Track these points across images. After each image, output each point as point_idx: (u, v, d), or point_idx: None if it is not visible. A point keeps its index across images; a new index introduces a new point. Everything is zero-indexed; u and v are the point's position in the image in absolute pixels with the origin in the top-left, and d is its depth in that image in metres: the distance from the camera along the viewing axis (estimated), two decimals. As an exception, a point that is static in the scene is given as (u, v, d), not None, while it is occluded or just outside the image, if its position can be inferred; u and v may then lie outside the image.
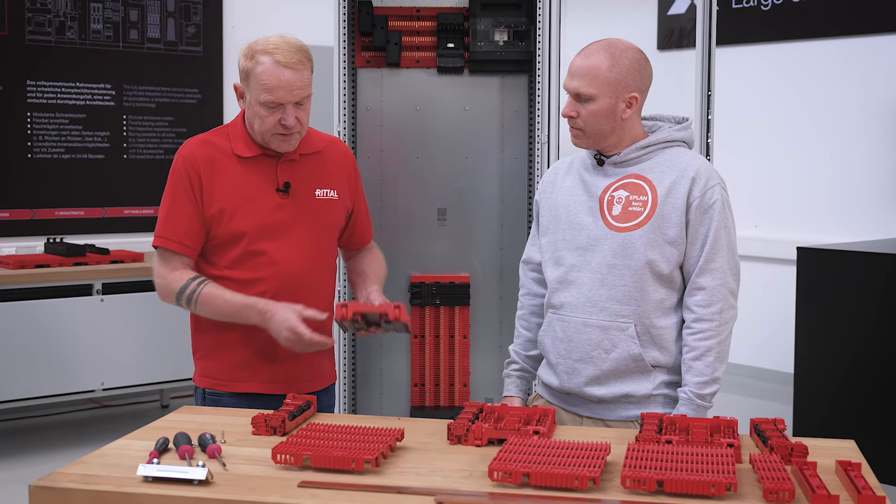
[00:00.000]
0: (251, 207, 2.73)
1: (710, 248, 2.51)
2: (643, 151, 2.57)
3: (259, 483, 1.97)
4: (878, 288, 4.92)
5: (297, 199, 2.78)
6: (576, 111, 2.55)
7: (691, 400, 2.50)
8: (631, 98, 2.53)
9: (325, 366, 2.93)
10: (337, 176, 2.88)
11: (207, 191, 2.71)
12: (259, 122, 2.67)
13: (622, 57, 2.54)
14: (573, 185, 2.64)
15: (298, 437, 2.14)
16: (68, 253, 5.28)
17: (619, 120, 2.54)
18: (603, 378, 2.55)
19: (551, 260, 2.65)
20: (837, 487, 1.97)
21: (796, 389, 5.18)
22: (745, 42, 6.83)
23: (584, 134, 2.56)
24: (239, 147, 2.75)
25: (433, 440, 2.28)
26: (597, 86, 2.51)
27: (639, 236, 2.51)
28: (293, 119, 2.65)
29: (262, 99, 2.63)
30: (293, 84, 2.63)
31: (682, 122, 2.66)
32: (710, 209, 2.51)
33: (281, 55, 2.62)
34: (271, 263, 2.74)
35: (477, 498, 1.89)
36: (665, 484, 1.90)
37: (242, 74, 2.69)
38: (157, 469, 1.96)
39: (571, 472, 1.92)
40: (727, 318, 2.53)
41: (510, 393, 2.80)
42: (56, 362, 5.08)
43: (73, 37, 5.93)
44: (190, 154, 2.73)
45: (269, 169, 2.76)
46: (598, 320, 2.55)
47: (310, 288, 2.80)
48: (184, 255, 2.71)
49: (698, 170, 2.53)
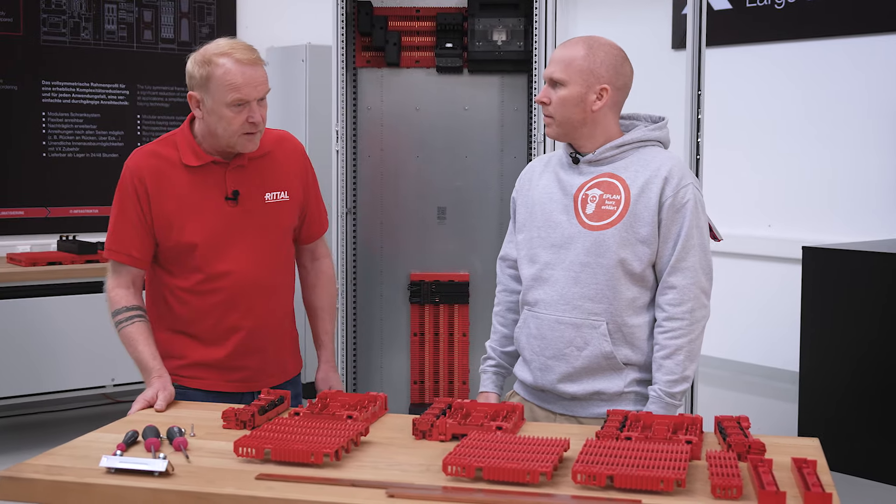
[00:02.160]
0: (200, 218, 2.72)
1: (682, 247, 2.52)
2: (617, 150, 2.59)
3: (218, 475, 2.01)
4: (883, 287, 4.90)
5: (246, 206, 2.77)
6: (548, 97, 2.58)
7: (661, 398, 2.51)
8: (602, 90, 2.55)
9: (287, 362, 2.93)
10: (287, 175, 2.86)
11: (155, 203, 2.70)
12: (225, 125, 2.65)
13: (598, 49, 2.57)
14: (549, 183, 2.67)
15: (262, 431, 2.18)
16: (80, 250, 5.35)
17: (588, 111, 2.56)
18: (575, 375, 2.57)
19: (526, 257, 2.68)
20: (791, 484, 1.98)
21: (802, 389, 5.17)
22: (760, 41, 6.80)
23: (555, 122, 2.59)
24: (187, 157, 2.73)
25: (399, 435, 2.31)
26: (569, 73, 2.55)
27: (611, 235, 2.53)
28: (259, 115, 2.66)
29: (228, 99, 2.62)
30: (256, 80, 2.65)
31: (657, 122, 2.67)
32: (682, 209, 2.52)
33: (239, 54, 2.64)
34: (225, 274, 2.74)
35: (428, 491, 1.92)
36: (615, 479, 1.92)
37: (198, 82, 2.66)
38: (119, 461, 2.01)
39: (523, 467, 1.95)
40: (698, 316, 2.54)
41: (486, 388, 2.83)
42: (67, 358, 5.17)
43: (87, 37, 6.01)
44: (136, 166, 2.72)
45: (217, 177, 2.75)
46: (571, 318, 2.57)
47: (266, 294, 2.81)
48: (133, 266, 2.73)
49: (671, 169, 2.54)
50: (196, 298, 2.75)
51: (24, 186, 5.89)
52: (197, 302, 2.75)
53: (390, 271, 4.31)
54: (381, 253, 4.31)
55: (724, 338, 6.94)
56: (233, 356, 2.78)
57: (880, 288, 4.91)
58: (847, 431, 4.99)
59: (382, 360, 4.34)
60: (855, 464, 4.94)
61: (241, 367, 2.80)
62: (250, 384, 2.80)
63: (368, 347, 4.34)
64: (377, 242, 4.31)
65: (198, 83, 2.66)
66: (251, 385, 2.80)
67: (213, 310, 2.75)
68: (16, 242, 5.80)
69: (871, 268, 4.95)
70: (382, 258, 4.31)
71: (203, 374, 2.78)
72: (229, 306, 2.75)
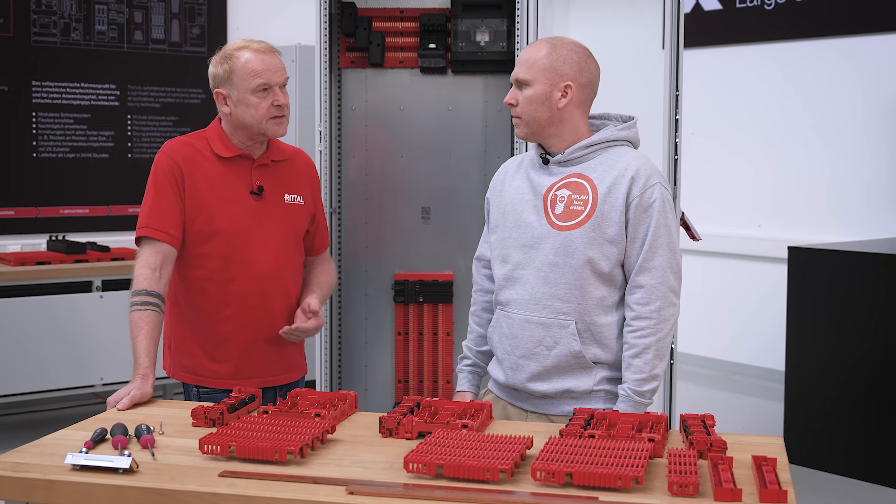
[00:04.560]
0: (227, 207, 2.85)
1: (650, 246, 2.53)
2: (586, 151, 2.60)
3: (181, 472, 2.02)
4: (868, 287, 4.92)
5: (268, 202, 2.91)
6: (515, 99, 2.62)
7: (630, 397, 2.53)
8: (566, 87, 2.57)
9: (297, 358, 3.04)
10: (302, 183, 3.02)
11: (189, 186, 2.83)
12: (252, 111, 2.81)
13: (561, 47, 2.60)
14: (521, 183, 2.69)
15: (228, 429, 2.19)
16: (69, 250, 5.37)
17: (554, 109, 2.58)
18: (545, 374, 2.59)
19: (499, 257, 2.70)
20: (750, 482, 1.99)
21: (787, 388, 5.19)
22: (749, 41, 6.82)
23: (522, 122, 2.62)
24: (218, 147, 2.88)
25: (366, 433, 2.33)
26: (533, 72, 2.58)
27: (579, 235, 2.54)
28: (284, 99, 2.82)
29: (252, 85, 2.79)
30: (276, 65, 2.83)
31: (627, 122, 2.68)
32: (649, 208, 2.54)
33: (255, 45, 2.84)
34: (243, 264, 2.86)
35: (389, 488, 1.93)
36: (574, 477, 1.93)
37: (222, 78, 2.84)
38: (84, 458, 2.03)
39: (483, 464, 1.96)
40: (667, 315, 2.55)
41: (462, 388, 2.85)
42: (56, 358, 5.18)
43: (77, 38, 6.03)
44: (172, 150, 2.86)
45: (243, 172, 2.90)
46: (541, 318, 2.59)
47: (277, 288, 2.92)
48: (167, 243, 2.79)
49: (638, 169, 2.56)
50: (214, 287, 2.84)
51: (15, 186, 5.91)
52: (215, 289, 2.84)
53: (375, 271, 4.33)
54: (365, 253, 4.33)
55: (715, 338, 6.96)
56: (244, 348, 2.87)
57: (866, 288, 4.93)
58: (833, 430, 5.01)
59: (367, 359, 4.36)
60: (840, 462, 4.96)
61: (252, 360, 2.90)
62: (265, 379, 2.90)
63: (353, 346, 4.36)
64: (362, 242, 4.33)
65: (222, 79, 2.84)
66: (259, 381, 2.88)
67: (232, 299, 2.85)
68: (6, 242, 5.83)
69: (857, 268, 4.96)
70: (367, 258, 4.32)
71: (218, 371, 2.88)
72: (247, 295, 2.85)
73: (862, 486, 4.81)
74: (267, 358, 2.93)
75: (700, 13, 7.02)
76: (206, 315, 2.88)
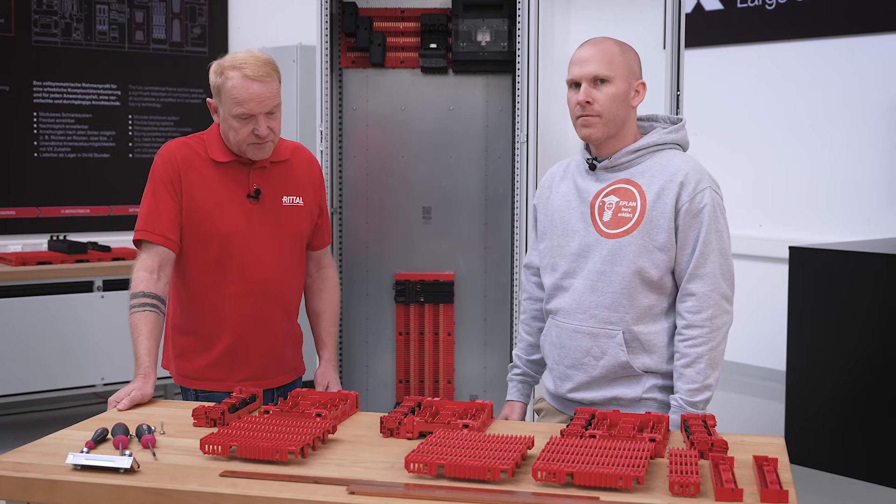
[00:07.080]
0: (223, 211, 2.84)
1: (700, 253, 2.48)
2: (634, 155, 2.55)
3: (183, 472, 2.02)
4: (869, 287, 4.91)
5: (265, 206, 2.89)
6: (592, 97, 2.52)
7: (682, 407, 2.47)
8: (639, 85, 2.55)
9: (293, 360, 3.04)
10: (303, 183, 2.99)
11: (186, 190, 2.81)
12: (233, 133, 2.79)
13: (627, 46, 2.57)
14: (568, 190, 2.64)
15: (229, 429, 2.20)
16: (70, 250, 5.37)
17: (629, 108, 2.54)
18: (594, 384, 2.56)
19: (548, 266, 2.66)
20: (751, 482, 1.99)
21: (788, 388, 5.19)
22: (750, 41, 6.82)
23: (601, 120, 2.52)
24: (214, 152, 2.86)
25: (367, 433, 2.33)
26: (613, 68, 2.51)
27: (628, 243, 2.50)
28: (265, 129, 2.77)
29: (234, 112, 2.74)
30: (262, 96, 2.74)
31: (676, 123, 2.62)
32: (699, 213, 2.48)
33: (249, 69, 2.74)
34: (240, 268, 2.85)
35: (389, 488, 1.93)
36: (575, 476, 1.93)
37: (214, 90, 2.81)
38: (85, 458, 2.03)
39: (484, 464, 1.96)
40: (719, 323, 2.49)
41: (511, 397, 2.83)
42: (57, 357, 5.19)
43: (79, 38, 6.04)
44: (170, 153, 2.84)
45: (241, 175, 2.88)
46: (588, 327, 2.55)
47: (275, 292, 2.91)
48: (164, 246, 2.78)
49: (687, 174, 2.49)
50: (209, 291, 2.83)
51: (16, 186, 5.92)
52: (212, 293, 2.84)
53: (376, 271, 4.33)
54: (366, 252, 4.32)
55: (715, 338, 6.92)
56: (240, 350, 2.87)
57: (867, 288, 4.92)
58: (833, 430, 5.00)
59: (368, 360, 4.36)
60: (841, 462, 4.96)
61: (248, 363, 2.88)
62: (258, 382, 2.88)
63: (354, 346, 4.36)
64: (363, 242, 4.33)
65: (214, 91, 2.82)
66: (260, 383, 2.87)
67: (228, 302, 2.84)
68: (7, 242, 5.84)
69: (858, 268, 4.96)
70: (368, 258, 4.32)
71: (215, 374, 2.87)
72: (243, 298, 2.84)
73: (862, 486, 4.81)
74: (263, 360, 2.92)
75: (701, 13, 7.02)
76: (202, 317, 2.87)
